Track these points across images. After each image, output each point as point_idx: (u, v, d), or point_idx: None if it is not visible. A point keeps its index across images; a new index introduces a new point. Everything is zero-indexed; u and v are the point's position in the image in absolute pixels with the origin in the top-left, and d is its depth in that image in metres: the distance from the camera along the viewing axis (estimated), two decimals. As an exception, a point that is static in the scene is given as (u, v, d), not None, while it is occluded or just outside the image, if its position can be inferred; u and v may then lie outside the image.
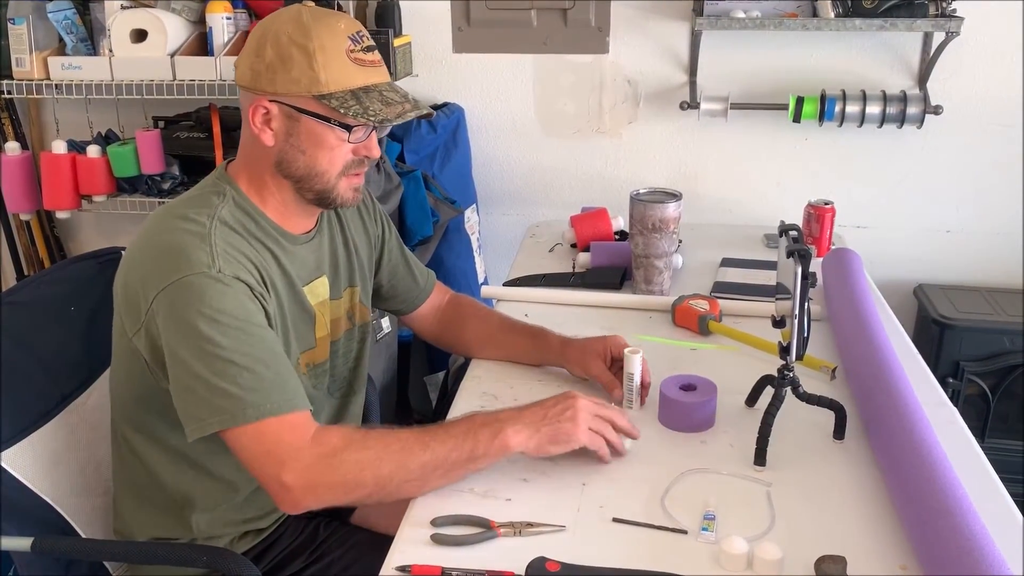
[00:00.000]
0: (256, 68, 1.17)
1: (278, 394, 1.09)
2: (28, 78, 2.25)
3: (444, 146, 2.39)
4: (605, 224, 2.00)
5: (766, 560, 0.97)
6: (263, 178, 1.24)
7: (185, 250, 1.12)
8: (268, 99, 1.18)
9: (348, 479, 1.08)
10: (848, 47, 2.29)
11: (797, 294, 1.15)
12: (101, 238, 2.75)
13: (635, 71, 2.40)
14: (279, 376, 1.11)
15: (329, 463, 1.08)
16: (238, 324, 1.10)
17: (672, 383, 1.30)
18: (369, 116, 1.17)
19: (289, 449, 1.08)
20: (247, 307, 1.12)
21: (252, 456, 1.09)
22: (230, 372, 1.08)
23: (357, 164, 1.24)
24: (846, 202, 2.26)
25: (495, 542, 1.04)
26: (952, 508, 0.96)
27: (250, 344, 1.10)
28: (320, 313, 1.32)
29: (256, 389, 1.08)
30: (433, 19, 2.43)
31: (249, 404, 1.07)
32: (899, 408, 1.18)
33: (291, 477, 1.07)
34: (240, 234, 1.20)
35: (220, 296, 1.10)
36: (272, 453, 1.08)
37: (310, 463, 1.08)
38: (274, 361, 1.12)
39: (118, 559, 1.35)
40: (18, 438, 1.27)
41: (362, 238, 1.44)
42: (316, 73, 1.15)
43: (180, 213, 1.18)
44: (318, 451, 1.08)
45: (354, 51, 1.18)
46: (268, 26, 1.19)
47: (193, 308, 1.09)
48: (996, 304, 2.29)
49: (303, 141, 1.19)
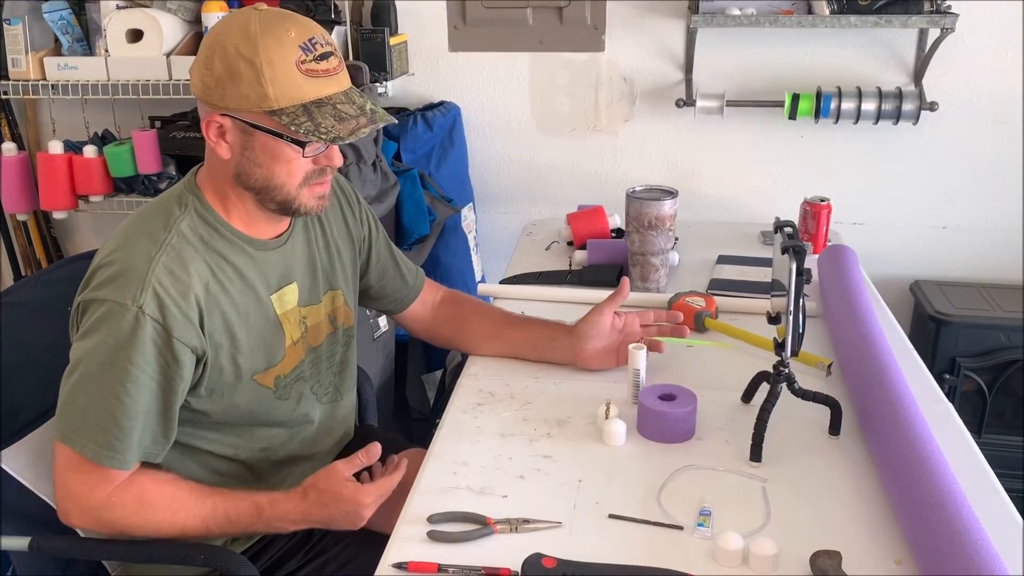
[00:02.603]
0: (206, 82, 1.14)
1: (106, 444, 1.14)
2: (24, 78, 2.25)
3: (440, 145, 2.39)
4: (601, 222, 2.01)
5: (762, 556, 0.97)
6: (224, 189, 1.23)
7: (123, 273, 1.14)
8: (220, 113, 1.15)
9: (122, 532, 1.20)
10: (843, 44, 2.29)
11: (792, 290, 1.15)
12: (98, 238, 2.74)
13: (631, 69, 2.40)
14: (123, 431, 1.14)
15: (106, 522, 1.18)
16: (124, 365, 1.12)
17: (651, 392, 1.27)
18: (321, 134, 1.12)
19: (81, 494, 1.16)
20: (145, 354, 1.13)
21: (56, 475, 1.18)
22: (95, 403, 1.13)
23: (319, 174, 1.21)
24: (842, 199, 2.26)
25: (491, 539, 1.04)
26: (947, 503, 0.97)
27: (124, 388, 1.13)
28: (285, 322, 1.30)
29: (94, 425, 1.13)
30: (429, 18, 2.43)
31: (77, 432, 1.14)
32: (895, 404, 1.18)
33: (75, 519, 1.19)
34: (196, 249, 1.19)
35: (126, 334, 1.12)
36: (68, 487, 1.17)
37: (88, 517, 1.18)
38: (135, 416, 1.14)
39: (116, 558, 1.35)
40: (16, 438, 1.28)
41: (344, 240, 1.42)
42: (264, 89, 1.11)
43: (143, 225, 1.20)
44: (102, 514, 1.17)
45: (305, 61, 1.12)
46: (216, 36, 1.15)
47: (99, 329, 1.13)
48: (992, 300, 2.29)
49: (259, 155, 1.17)
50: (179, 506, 1.19)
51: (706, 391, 1.30)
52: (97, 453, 1.13)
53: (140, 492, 1.18)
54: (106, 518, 1.17)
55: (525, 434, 1.26)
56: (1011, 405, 2.26)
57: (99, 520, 1.18)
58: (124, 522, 1.18)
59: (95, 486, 1.16)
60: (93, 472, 1.15)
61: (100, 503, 1.16)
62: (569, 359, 1.44)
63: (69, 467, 1.16)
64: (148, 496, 1.18)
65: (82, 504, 1.17)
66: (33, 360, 1.33)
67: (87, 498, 1.16)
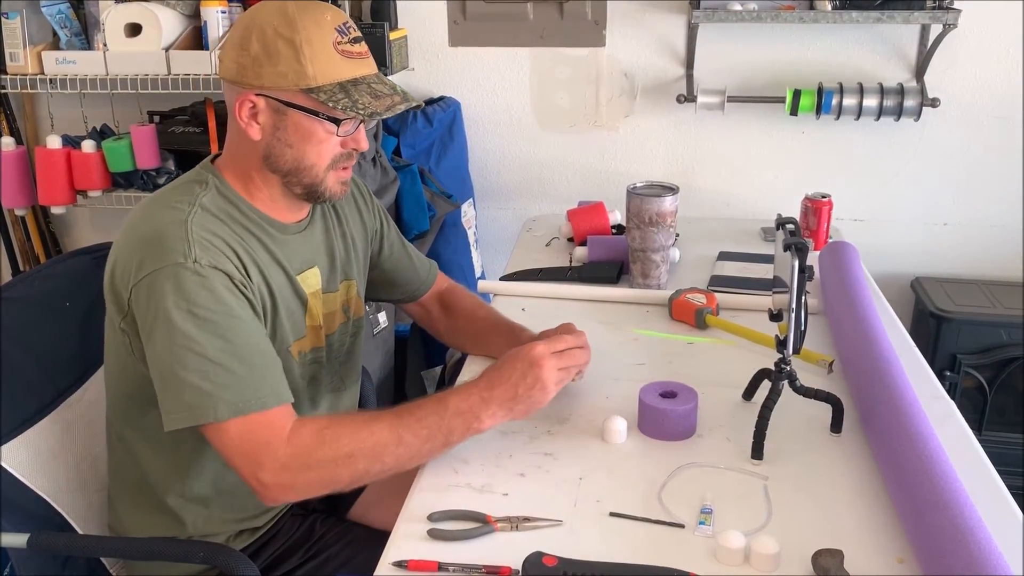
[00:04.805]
0: (242, 62, 1.16)
1: (252, 391, 1.08)
2: (22, 73, 2.24)
3: (440, 140, 2.38)
4: (602, 218, 2.00)
5: (763, 554, 0.97)
6: (250, 173, 1.23)
7: (162, 239, 1.11)
8: (255, 93, 1.16)
9: (324, 477, 1.10)
10: (845, 40, 2.28)
11: (794, 287, 1.15)
12: (96, 233, 2.74)
13: (632, 64, 2.40)
14: (255, 371, 1.10)
15: (304, 463, 1.08)
16: (214, 317, 1.09)
17: (651, 390, 1.27)
18: (359, 109, 1.16)
19: (265, 448, 1.08)
20: (224, 299, 1.11)
21: (229, 453, 1.09)
22: (202, 368, 1.07)
23: (346, 158, 1.23)
24: (843, 195, 2.25)
25: (492, 537, 1.04)
26: (949, 501, 0.96)
27: (225, 339, 1.09)
28: (313, 302, 1.31)
29: (229, 386, 1.07)
30: (429, 13, 2.42)
31: (221, 401, 1.07)
32: (896, 401, 1.18)
33: (267, 476, 1.07)
34: (222, 221, 1.19)
35: (196, 288, 1.09)
36: (247, 453, 1.08)
37: (285, 463, 1.07)
38: (251, 355, 1.10)
39: (115, 555, 1.34)
40: (14, 434, 1.27)
41: (360, 233, 1.43)
42: (303, 67, 1.14)
43: (161, 202, 1.18)
44: (292, 451, 1.08)
45: (341, 43, 1.16)
46: (253, 18, 1.17)
47: (168, 300, 1.08)
48: (993, 297, 2.29)
49: (291, 135, 1.18)
50: (360, 425, 1.11)
51: (707, 388, 1.30)
52: (247, 404, 1.07)
53: (316, 429, 1.10)
54: (299, 464, 1.08)
55: (525, 431, 1.26)
56: (1012, 402, 2.26)
57: (293, 472, 1.08)
58: (316, 458, 1.08)
59: (270, 438, 1.08)
60: (260, 425, 1.08)
61: (286, 454, 1.08)
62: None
63: (239, 439, 1.08)
64: (324, 432, 1.10)
65: (269, 464, 1.07)
66: (31, 356, 1.32)
67: (272, 454, 1.07)
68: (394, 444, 1.10)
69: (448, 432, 1.12)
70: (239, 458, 1.09)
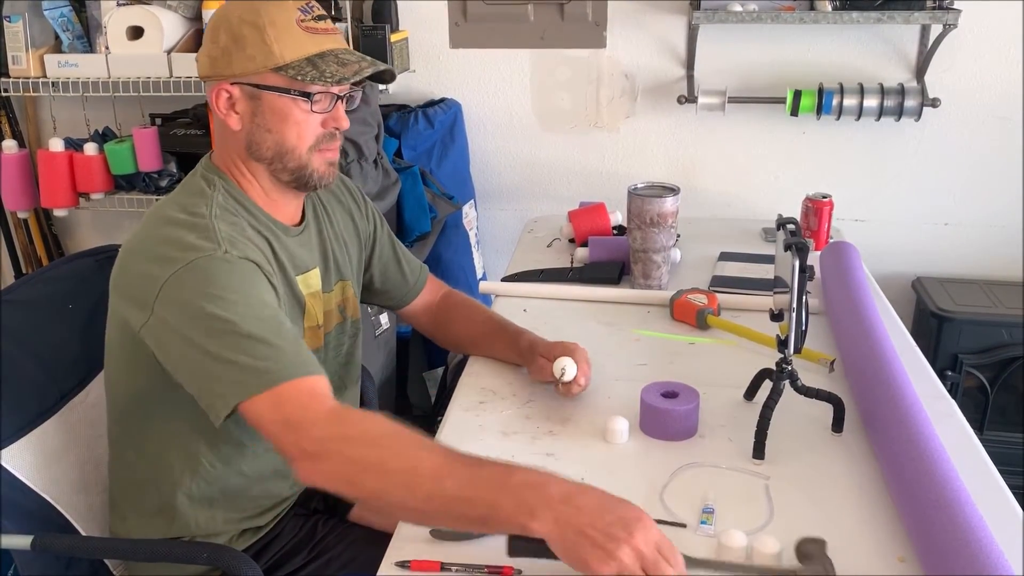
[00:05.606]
0: (212, 55, 1.20)
1: (291, 361, 1.08)
2: (24, 76, 2.24)
3: (441, 142, 2.39)
4: (603, 219, 2.00)
5: (765, 553, 0.97)
6: (238, 165, 1.24)
7: (189, 238, 1.13)
8: (229, 82, 1.19)
9: (350, 472, 1.01)
10: (845, 40, 2.28)
11: (795, 287, 1.15)
12: (99, 236, 2.75)
13: (632, 65, 2.40)
14: (290, 345, 1.10)
15: (340, 447, 1.02)
16: (245, 300, 1.10)
17: (653, 390, 1.27)
18: (327, 78, 1.17)
19: (307, 414, 1.04)
20: (256, 283, 1.13)
21: (271, 426, 1.05)
22: (241, 345, 1.07)
23: (328, 138, 1.24)
24: (844, 195, 2.25)
25: (494, 537, 1.03)
26: (950, 500, 0.97)
27: (259, 317, 1.09)
28: (311, 304, 1.31)
29: (268, 358, 1.06)
30: (430, 14, 2.42)
31: (263, 371, 1.05)
32: (897, 401, 1.18)
33: (308, 444, 1.02)
34: (237, 218, 1.21)
35: (227, 275, 1.10)
36: (289, 421, 1.04)
37: (325, 435, 1.02)
38: (285, 331, 1.11)
39: (118, 557, 1.35)
40: (17, 436, 1.27)
41: (352, 235, 1.44)
42: (269, 47, 1.17)
43: (179, 205, 1.19)
44: (335, 429, 1.03)
45: (305, 20, 1.19)
46: (219, 14, 1.22)
47: (200, 291, 1.09)
48: (994, 296, 2.29)
49: (268, 119, 1.20)
50: (410, 441, 1.01)
51: (708, 388, 1.30)
52: (294, 369, 1.06)
53: (360, 419, 1.07)
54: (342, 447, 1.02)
55: (527, 432, 1.26)
56: (1013, 402, 2.26)
57: (339, 450, 1.01)
58: (358, 453, 1.01)
59: (311, 403, 1.05)
60: (302, 392, 1.05)
61: (334, 428, 1.03)
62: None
63: (283, 405, 1.04)
64: (372, 431, 1.04)
65: (309, 429, 1.02)
66: (34, 358, 1.32)
67: (312, 419, 1.03)
68: (432, 480, 0.96)
69: (492, 509, 0.93)
70: (280, 428, 1.04)
